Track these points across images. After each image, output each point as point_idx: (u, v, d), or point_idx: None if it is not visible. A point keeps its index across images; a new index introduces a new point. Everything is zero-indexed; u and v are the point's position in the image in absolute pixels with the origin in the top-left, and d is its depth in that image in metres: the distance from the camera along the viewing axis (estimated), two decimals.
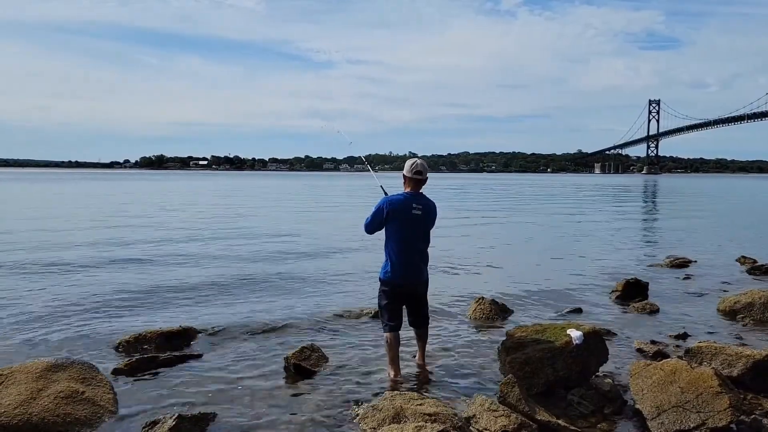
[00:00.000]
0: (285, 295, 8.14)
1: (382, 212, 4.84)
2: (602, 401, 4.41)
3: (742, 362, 4.68)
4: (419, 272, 4.97)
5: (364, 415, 3.97)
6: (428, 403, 3.97)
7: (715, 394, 3.89)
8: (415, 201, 4.87)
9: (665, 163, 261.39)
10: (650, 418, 3.98)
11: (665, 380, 4.14)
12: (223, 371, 5.14)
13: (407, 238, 4.86)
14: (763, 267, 10.45)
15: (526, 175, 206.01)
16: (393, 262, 4.87)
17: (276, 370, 5.16)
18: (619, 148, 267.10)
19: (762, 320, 6.86)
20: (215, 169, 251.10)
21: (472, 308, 7.17)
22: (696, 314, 7.29)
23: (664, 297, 8.16)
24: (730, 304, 7.25)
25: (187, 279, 9.24)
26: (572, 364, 4.59)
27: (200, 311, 7.22)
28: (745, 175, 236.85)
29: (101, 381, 4.47)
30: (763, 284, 9.08)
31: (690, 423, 3.82)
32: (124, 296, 7.97)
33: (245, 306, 7.49)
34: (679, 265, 10.86)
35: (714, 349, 4.91)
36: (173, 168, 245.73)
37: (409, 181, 4.95)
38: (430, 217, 4.96)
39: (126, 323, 6.60)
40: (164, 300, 7.82)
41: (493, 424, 3.81)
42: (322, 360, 5.30)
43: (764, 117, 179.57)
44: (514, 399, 4.10)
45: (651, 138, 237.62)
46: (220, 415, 4.20)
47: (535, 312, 7.38)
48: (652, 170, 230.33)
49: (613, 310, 7.53)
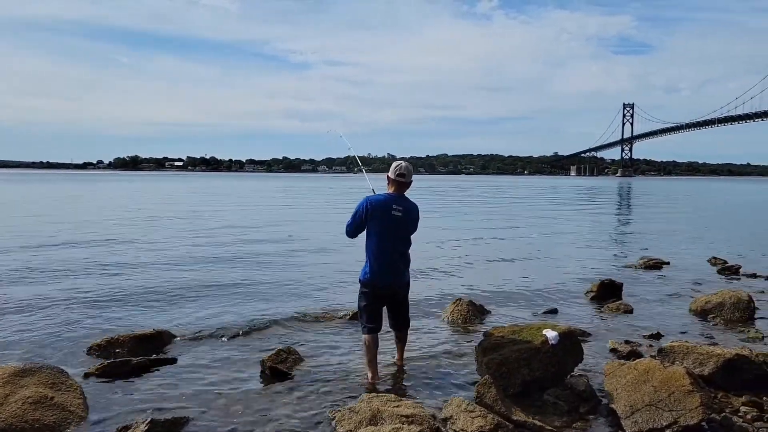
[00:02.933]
0: (261, 298, 8.06)
1: (362, 212, 4.81)
2: (577, 401, 4.44)
3: (713, 361, 4.76)
4: (400, 274, 4.94)
5: (340, 418, 3.94)
6: (405, 405, 3.96)
7: (686, 392, 3.95)
8: (396, 202, 4.84)
9: (639, 165, 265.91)
10: (624, 417, 4.03)
11: (639, 379, 4.19)
12: (197, 375, 5.07)
13: (387, 239, 4.81)
14: (732, 268, 10.68)
15: (504, 177, 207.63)
16: (373, 264, 4.83)
17: (252, 374, 5.10)
18: (594, 151, 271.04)
19: (732, 320, 7.00)
20: (191, 170, 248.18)
21: (450, 309, 7.18)
22: (669, 314, 7.41)
23: (638, 297, 8.28)
24: (702, 305, 7.38)
25: (160, 281, 9.10)
26: (548, 365, 4.63)
27: (174, 314, 7.11)
28: (716, 177, 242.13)
29: (71, 386, 4.37)
30: (733, 285, 9.28)
31: (662, 421, 3.87)
32: (96, 299, 7.81)
33: (220, 309, 7.40)
34: (653, 266, 11.04)
35: (686, 349, 4.99)
36: (148, 169, 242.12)
37: (392, 183, 4.92)
38: (411, 219, 4.91)
39: (98, 326, 6.48)
40: (137, 303, 7.68)
41: (470, 425, 3.82)
42: (299, 362, 5.26)
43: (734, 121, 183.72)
44: (490, 399, 4.11)
45: (625, 141, 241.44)
46: (194, 420, 4.13)
47: (512, 313, 7.42)
48: (626, 173, 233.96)
49: (589, 311, 7.61)
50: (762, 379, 4.78)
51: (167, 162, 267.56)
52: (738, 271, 10.53)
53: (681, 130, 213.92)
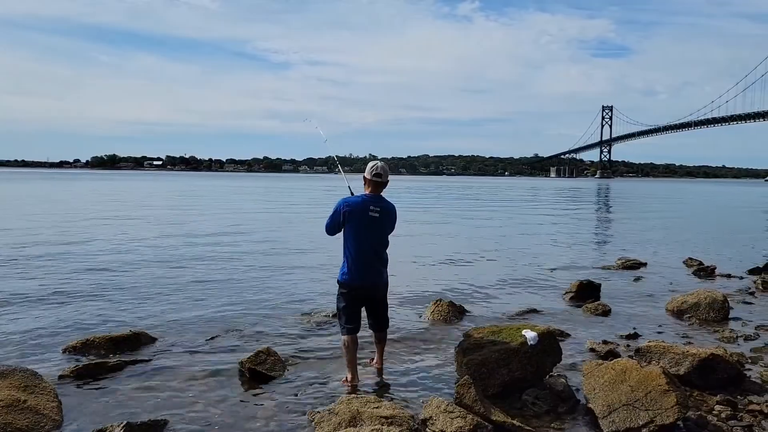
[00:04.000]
0: (240, 299, 7.99)
1: (339, 213, 4.80)
2: (556, 401, 4.48)
3: (689, 361, 4.83)
4: (378, 274, 4.92)
5: (319, 420, 3.92)
6: (385, 406, 3.95)
7: (663, 392, 4.00)
8: (373, 203, 4.82)
9: (617, 167, 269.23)
10: (602, 417, 4.06)
11: (616, 379, 4.23)
12: (175, 377, 5.00)
13: (365, 240, 4.80)
14: (708, 268, 10.86)
15: (485, 178, 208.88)
16: (351, 264, 4.82)
17: (230, 376, 5.05)
18: (573, 153, 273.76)
19: (707, 319, 7.11)
20: (170, 169, 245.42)
21: (430, 309, 7.20)
22: (646, 314, 7.51)
23: (615, 298, 8.38)
24: (678, 305, 7.49)
25: (137, 283, 8.97)
26: (527, 365, 4.66)
27: (152, 315, 7.01)
28: (692, 179, 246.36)
29: (45, 389, 4.28)
30: (708, 285, 9.44)
31: (639, 421, 3.91)
32: (70, 299, 7.68)
33: (198, 310, 7.31)
34: (630, 267, 11.18)
35: (662, 349, 5.06)
36: (126, 168, 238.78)
37: (368, 183, 4.89)
38: (388, 219, 4.90)
39: (73, 327, 6.36)
40: (113, 304, 7.56)
41: (449, 426, 3.82)
42: (278, 364, 5.21)
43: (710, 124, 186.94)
44: (470, 400, 4.12)
45: (604, 143, 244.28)
46: (171, 422, 4.08)
47: (492, 313, 7.46)
48: (605, 174, 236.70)
49: (567, 311, 7.68)
50: (736, 378, 4.87)
51: (146, 161, 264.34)
52: (713, 271, 10.71)
53: (658, 132, 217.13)
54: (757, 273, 10.44)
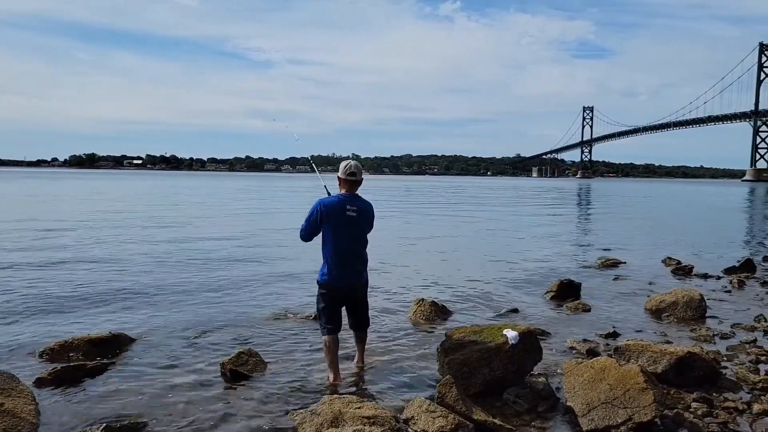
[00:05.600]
0: (221, 300, 7.94)
1: (316, 215, 4.81)
2: (537, 399, 4.52)
3: (666, 359, 4.91)
4: (357, 274, 4.95)
5: (301, 420, 3.91)
6: (367, 407, 3.95)
7: (641, 390, 4.06)
8: (350, 202, 4.84)
9: (598, 167, 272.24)
10: (581, 415, 4.11)
11: (595, 378, 4.29)
12: (155, 379, 4.96)
13: (343, 240, 4.82)
14: (686, 268, 11.03)
15: (467, 177, 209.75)
16: (330, 265, 4.84)
17: (212, 377, 5.02)
18: (555, 153, 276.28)
19: (685, 318, 7.23)
20: (150, 168, 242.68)
21: (413, 310, 7.22)
22: (625, 313, 7.61)
23: (595, 297, 8.48)
24: (656, 304, 7.60)
25: (117, 283, 8.87)
26: (508, 364, 4.70)
27: (131, 317, 6.94)
28: (671, 179, 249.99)
29: (22, 391, 4.21)
30: (686, 284, 9.59)
31: (618, 418, 3.97)
32: (48, 301, 7.57)
33: (179, 311, 7.25)
34: (610, 266, 11.32)
35: (641, 347, 5.13)
36: (106, 167, 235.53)
37: (343, 183, 4.91)
38: (366, 218, 4.93)
39: (51, 329, 6.27)
40: (93, 305, 7.47)
41: (431, 425, 3.84)
42: (260, 365, 5.20)
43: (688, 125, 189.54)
44: (451, 399, 4.14)
45: (585, 143, 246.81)
46: (152, 425, 4.05)
47: (474, 313, 7.50)
48: (586, 174, 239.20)
49: (548, 310, 7.75)
50: (712, 376, 4.96)
51: (126, 160, 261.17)
52: (691, 271, 10.88)
53: (638, 133, 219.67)
54: (733, 272, 10.62)
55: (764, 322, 7.01)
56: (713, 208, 38.62)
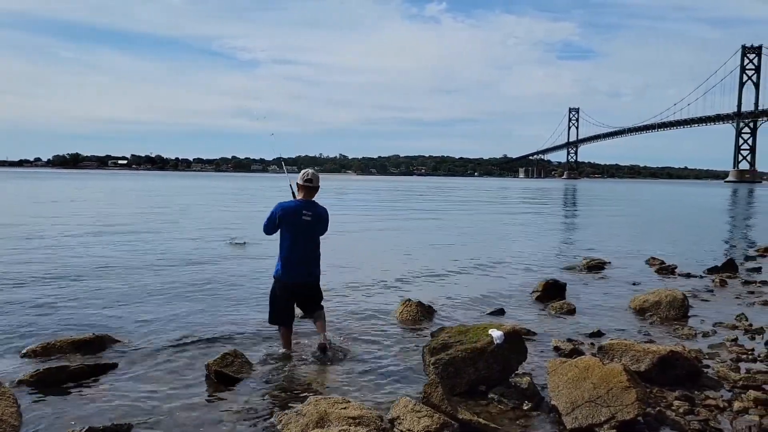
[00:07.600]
0: (205, 301, 7.89)
1: (275, 217, 5.38)
2: (521, 398, 4.55)
3: (649, 358, 4.97)
4: (308, 271, 5.48)
5: (287, 421, 3.91)
6: (352, 407, 3.96)
7: (624, 388, 4.11)
8: (306, 207, 5.39)
9: (584, 168, 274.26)
10: (565, 414, 4.15)
11: (579, 376, 4.33)
12: (139, 381, 4.92)
13: (298, 241, 5.37)
14: (669, 267, 11.16)
15: (455, 178, 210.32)
16: (285, 262, 5.40)
17: (197, 378, 4.99)
18: (541, 154, 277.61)
19: (668, 317, 7.31)
20: (135, 168, 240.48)
21: (399, 310, 7.23)
22: (609, 313, 7.68)
23: (580, 297, 8.55)
24: (640, 303, 7.69)
25: (100, 285, 8.78)
26: (493, 364, 4.73)
27: (115, 319, 6.86)
28: (656, 180, 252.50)
29: (3, 393, 4.16)
30: (669, 284, 9.70)
31: (601, 417, 4.01)
32: (30, 301, 7.47)
33: (164, 312, 7.20)
34: (595, 266, 11.41)
35: (624, 346, 5.19)
36: (90, 167, 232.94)
37: (301, 189, 5.47)
38: (320, 223, 5.48)
39: (33, 331, 6.20)
40: (75, 307, 7.39)
41: (417, 425, 3.85)
42: (246, 366, 5.18)
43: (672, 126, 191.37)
44: (437, 399, 4.16)
45: (571, 144, 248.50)
46: (135, 427, 4.01)
47: (460, 313, 7.53)
48: (572, 175, 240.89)
49: (533, 310, 7.80)
50: (694, 374, 5.03)
51: (110, 160, 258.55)
52: (674, 270, 11.02)
53: (623, 134, 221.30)
54: (715, 272, 10.76)
55: (745, 321, 7.12)
56: (697, 208, 39.07)
